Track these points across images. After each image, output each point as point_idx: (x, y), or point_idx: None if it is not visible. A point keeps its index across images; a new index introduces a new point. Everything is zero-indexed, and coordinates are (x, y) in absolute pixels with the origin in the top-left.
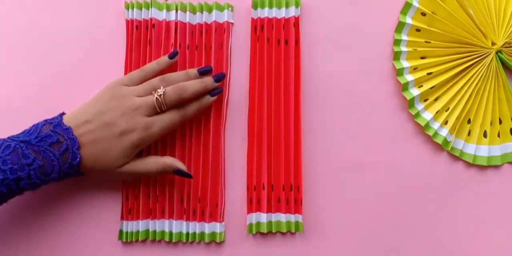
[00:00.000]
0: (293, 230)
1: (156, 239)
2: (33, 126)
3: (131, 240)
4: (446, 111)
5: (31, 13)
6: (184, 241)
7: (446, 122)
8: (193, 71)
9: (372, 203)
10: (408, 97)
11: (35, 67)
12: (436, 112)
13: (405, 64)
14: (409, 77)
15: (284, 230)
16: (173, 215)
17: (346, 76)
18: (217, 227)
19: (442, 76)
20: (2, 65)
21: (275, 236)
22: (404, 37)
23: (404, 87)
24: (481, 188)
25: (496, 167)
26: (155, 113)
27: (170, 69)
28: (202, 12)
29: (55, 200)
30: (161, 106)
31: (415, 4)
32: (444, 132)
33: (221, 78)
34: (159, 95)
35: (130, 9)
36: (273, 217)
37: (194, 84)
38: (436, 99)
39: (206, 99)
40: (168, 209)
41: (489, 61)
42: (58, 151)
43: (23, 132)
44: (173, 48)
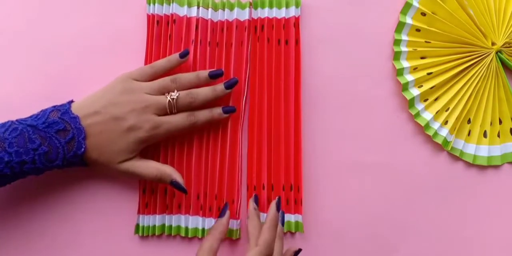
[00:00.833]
0: (293, 230)
1: (172, 234)
2: (42, 111)
3: (147, 235)
4: (446, 111)
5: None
6: (200, 237)
7: (446, 122)
8: (204, 74)
9: (372, 203)
10: (408, 97)
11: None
12: (436, 112)
13: (405, 64)
14: (409, 77)
15: (284, 230)
16: (190, 211)
17: (346, 76)
18: (234, 224)
19: (442, 76)
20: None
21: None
22: (404, 37)
23: (404, 87)
24: (481, 188)
25: (496, 167)
26: (164, 114)
27: (186, 66)
28: (224, 10)
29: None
30: (172, 109)
31: (415, 4)
32: (444, 132)
33: (233, 85)
34: (172, 98)
35: (152, 4)
36: None
37: (206, 93)
38: (436, 99)
39: (218, 114)
40: (185, 205)
41: (489, 61)
42: (64, 139)
43: (31, 116)
44: (193, 44)
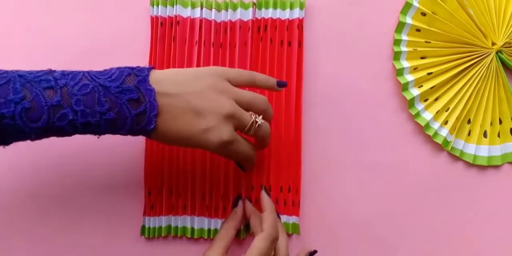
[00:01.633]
0: (290, 232)
1: (178, 235)
2: (118, 71)
3: (153, 236)
4: (446, 111)
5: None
6: (206, 238)
7: (446, 122)
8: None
9: (372, 203)
10: (408, 97)
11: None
12: (436, 112)
13: (405, 64)
14: (409, 77)
15: None
16: (195, 212)
17: (346, 76)
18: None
19: (442, 76)
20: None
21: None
22: (404, 37)
23: (404, 87)
24: (481, 188)
25: (496, 167)
26: (237, 130)
27: (190, 67)
28: (227, 10)
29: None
30: (249, 132)
31: (415, 4)
32: (444, 132)
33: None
34: (256, 122)
35: (155, 6)
36: None
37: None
38: (436, 99)
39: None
40: (190, 206)
41: (489, 61)
42: (135, 110)
43: (105, 73)
44: (197, 46)
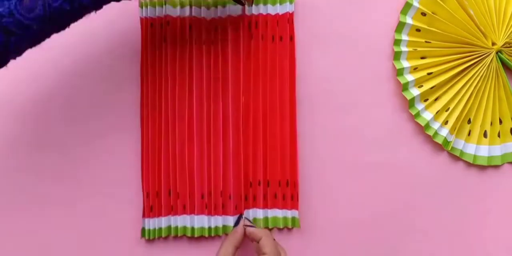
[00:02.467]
0: (290, 226)
1: (178, 235)
2: None
3: (154, 237)
4: (446, 111)
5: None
6: (207, 236)
7: (446, 122)
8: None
9: (372, 202)
10: (408, 97)
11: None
12: (436, 112)
13: (405, 64)
14: (409, 77)
15: (281, 226)
16: (195, 210)
17: (347, 76)
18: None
19: (442, 76)
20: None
21: (272, 231)
22: (404, 37)
23: (404, 87)
24: (481, 188)
25: (496, 167)
26: None
27: (182, 66)
28: (217, 7)
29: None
30: None
31: (415, 4)
32: (444, 132)
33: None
34: None
35: (144, 7)
36: (269, 213)
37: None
38: (436, 99)
39: None
40: (189, 205)
41: (489, 61)
42: None
43: None
44: (189, 44)
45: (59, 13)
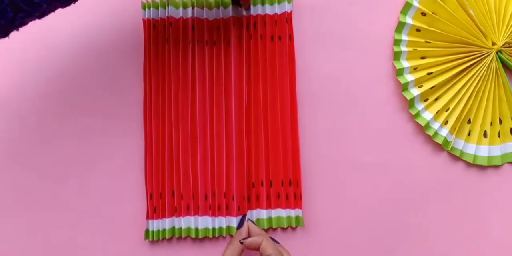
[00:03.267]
0: (294, 225)
1: (182, 236)
2: None
3: (158, 239)
4: (446, 111)
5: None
6: (211, 237)
7: (446, 122)
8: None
9: (372, 202)
10: (408, 97)
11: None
12: (436, 112)
13: (405, 64)
14: (409, 77)
15: (285, 226)
16: (198, 211)
17: (347, 76)
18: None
19: (442, 76)
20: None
21: (276, 231)
22: (404, 37)
23: (404, 87)
24: (481, 188)
25: (496, 167)
26: None
27: (185, 66)
28: (219, 8)
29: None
30: None
31: (415, 4)
32: (444, 132)
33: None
34: None
35: (147, 9)
36: (273, 213)
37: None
38: (436, 99)
39: None
40: (193, 206)
41: (489, 61)
42: None
43: None
44: (191, 45)
45: None
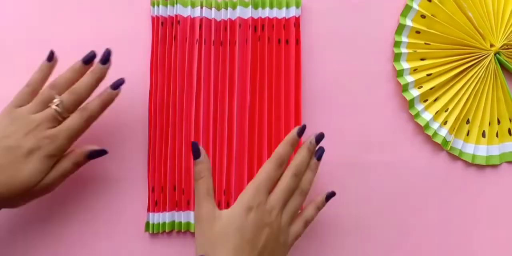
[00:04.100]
0: None
1: (182, 230)
2: None
3: (158, 232)
4: (446, 112)
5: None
6: None
7: (446, 122)
8: (77, 64)
9: (372, 202)
10: (408, 98)
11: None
12: (436, 113)
13: (405, 66)
14: (409, 78)
15: None
16: None
17: (348, 77)
18: None
19: (442, 77)
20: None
21: None
22: (404, 39)
23: (404, 88)
24: (480, 187)
25: (495, 166)
26: (59, 123)
27: (191, 66)
28: (227, 9)
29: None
30: (63, 115)
31: (415, 7)
32: (444, 132)
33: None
34: (57, 106)
35: (156, 6)
36: None
37: (86, 82)
38: (436, 100)
39: (108, 94)
40: (194, 201)
41: (488, 63)
42: None
43: None
44: (198, 44)
45: None
